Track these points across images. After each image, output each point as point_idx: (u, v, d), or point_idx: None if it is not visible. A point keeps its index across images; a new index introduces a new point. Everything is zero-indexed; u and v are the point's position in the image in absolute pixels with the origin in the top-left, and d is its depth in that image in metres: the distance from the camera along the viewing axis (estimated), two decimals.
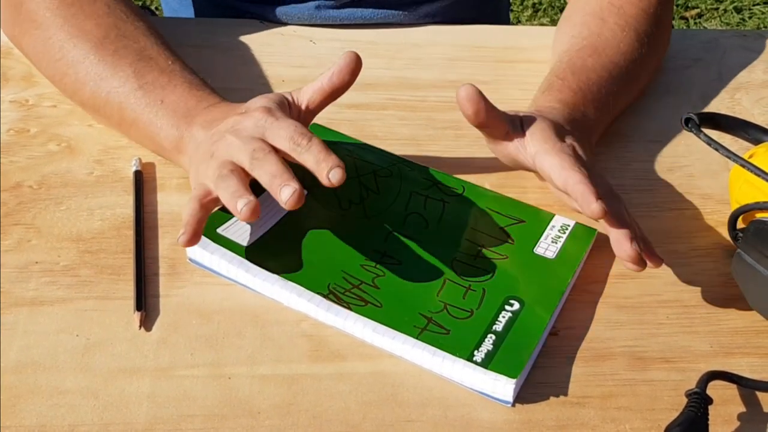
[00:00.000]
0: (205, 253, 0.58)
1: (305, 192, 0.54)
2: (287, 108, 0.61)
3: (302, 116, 0.62)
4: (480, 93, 0.59)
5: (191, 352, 0.55)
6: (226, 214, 0.60)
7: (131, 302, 0.57)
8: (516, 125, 0.62)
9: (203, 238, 0.58)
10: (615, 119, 0.74)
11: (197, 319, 0.57)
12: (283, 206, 0.53)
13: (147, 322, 0.56)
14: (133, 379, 0.53)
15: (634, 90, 0.75)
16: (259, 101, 0.60)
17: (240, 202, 0.53)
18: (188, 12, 0.97)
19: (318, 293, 0.56)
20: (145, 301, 0.57)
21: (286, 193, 0.53)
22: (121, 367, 0.53)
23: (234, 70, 0.78)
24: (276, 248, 0.59)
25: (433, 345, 0.54)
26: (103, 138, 0.69)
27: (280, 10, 0.84)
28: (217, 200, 0.56)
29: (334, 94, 0.62)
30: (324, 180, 0.54)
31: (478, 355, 0.53)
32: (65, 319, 0.56)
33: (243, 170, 0.56)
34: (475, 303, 0.57)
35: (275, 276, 0.57)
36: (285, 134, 0.56)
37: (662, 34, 0.78)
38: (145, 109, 0.64)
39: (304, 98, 0.62)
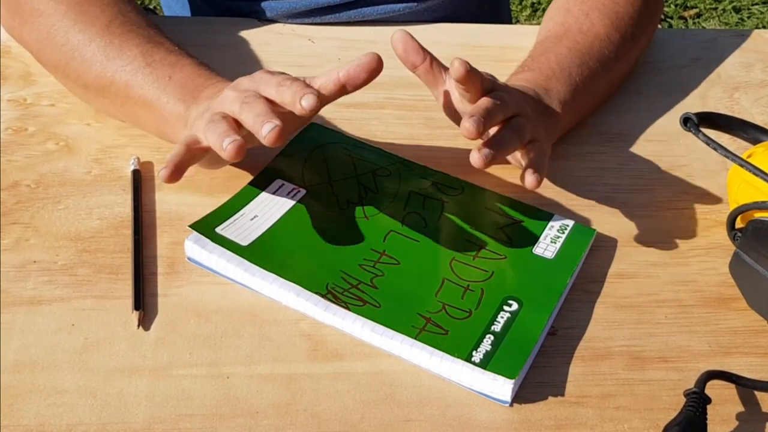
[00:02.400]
0: (204, 252, 0.58)
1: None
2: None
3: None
4: (412, 37, 0.62)
5: (189, 351, 0.55)
6: (224, 213, 0.60)
7: (129, 301, 0.57)
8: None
9: (202, 237, 0.58)
10: (594, 96, 0.75)
11: (195, 319, 0.57)
12: (262, 141, 0.53)
13: (145, 322, 0.56)
14: (132, 378, 0.53)
15: (607, 68, 0.75)
16: (262, 72, 0.61)
17: (226, 141, 0.53)
18: (186, 12, 0.97)
19: (316, 293, 0.56)
20: (144, 301, 0.57)
21: (267, 128, 0.53)
22: (119, 366, 0.53)
23: (232, 69, 0.78)
24: (274, 248, 0.59)
25: (431, 345, 0.54)
26: (101, 137, 0.69)
27: (277, 6, 0.84)
28: (205, 149, 0.57)
29: (345, 87, 0.60)
30: (297, 107, 0.54)
31: (477, 356, 0.53)
32: (63, 318, 0.56)
33: (234, 119, 0.56)
34: (474, 303, 0.57)
35: (273, 275, 0.57)
36: (275, 81, 0.57)
37: (639, 14, 0.78)
38: (153, 84, 0.64)
39: (317, 83, 0.61)
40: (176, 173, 0.56)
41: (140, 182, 0.65)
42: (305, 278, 0.57)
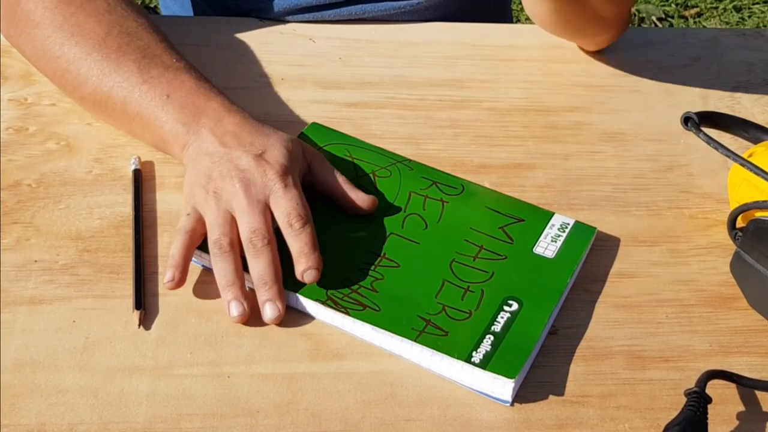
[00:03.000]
0: (204, 252, 0.58)
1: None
2: (301, 159, 0.62)
3: (307, 176, 0.63)
4: None
5: (190, 351, 0.55)
6: None
7: (130, 301, 0.57)
8: None
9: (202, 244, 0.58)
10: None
11: (196, 318, 0.57)
12: (264, 319, 0.56)
13: (146, 321, 0.56)
14: (133, 377, 0.53)
15: None
16: (278, 152, 0.60)
17: (234, 307, 0.56)
18: (184, 11, 0.96)
19: (316, 300, 0.56)
20: (145, 300, 0.57)
21: (269, 312, 0.56)
22: (120, 365, 0.53)
23: (233, 68, 0.78)
24: None
25: (431, 347, 0.54)
26: (102, 136, 0.69)
27: (277, 3, 0.84)
28: (206, 237, 0.58)
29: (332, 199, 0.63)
30: (297, 274, 0.57)
31: (477, 356, 0.53)
32: (64, 317, 0.56)
33: (239, 244, 0.57)
34: (474, 304, 0.57)
35: None
36: (285, 207, 0.58)
37: None
38: (150, 102, 0.63)
39: (318, 174, 0.63)
40: (184, 279, 0.57)
41: (141, 182, 0.65)
42: (305, 285, 0.57)
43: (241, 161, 0.59)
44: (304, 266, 0.56)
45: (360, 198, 0.62)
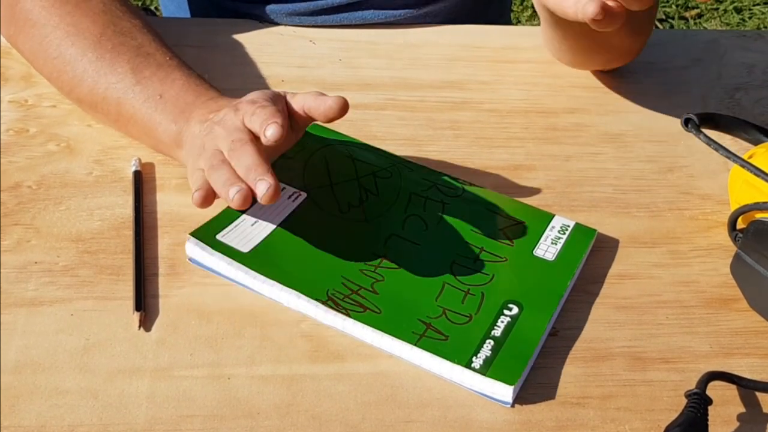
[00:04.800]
0: (205, 253, 0.58)
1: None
2: (280, 101, 0.62)
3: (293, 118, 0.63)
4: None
5: (191, 352, 0.55)
6: (224, 220, 0.60)
7: (131, 302, 0.57)
8: None
9: (202, 244, 0.58)
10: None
11: (197, 320, 0.57)
12: (259, 200, 0.54)
13: (146, 323, 0.56)
14: (133, 379, 0.53)
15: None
16: (250, 95, 0.61)
17: (232, 190, 0.54)
18: (182, 12, 0.97)
19: (317, 300, 0.56)
20: (145, 302, 0.57)
21: (261, 187, 0.54)
22: (120, 367, 0.53)
23: (233, 70, 0.78)
24: (275, 254, 0.59)
25: (431, 352, 0.54)
26: (102, 138, 0.69)
27: (277, 9, 0.84)
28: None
29: (309, 116, 0.62)
30: (263, 138, 0.55)
31: (477, 362, 0.53)
32: (64, 319, 0.56)
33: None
34: (474, 308, 0.57)
35: (274, 281, 0.57)
36: (250, 110, 0.58)
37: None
38: (144, 104, 0.64)
39: (290, 104, 0.62)
40: (211, 197, 0.56)
41: (141, 183, 0.65)
42: (306, 285, 0.57)
43: (218, 116, 0.60)
44: (265, 124, 0.55)
45: (330, 101, 0.60)
